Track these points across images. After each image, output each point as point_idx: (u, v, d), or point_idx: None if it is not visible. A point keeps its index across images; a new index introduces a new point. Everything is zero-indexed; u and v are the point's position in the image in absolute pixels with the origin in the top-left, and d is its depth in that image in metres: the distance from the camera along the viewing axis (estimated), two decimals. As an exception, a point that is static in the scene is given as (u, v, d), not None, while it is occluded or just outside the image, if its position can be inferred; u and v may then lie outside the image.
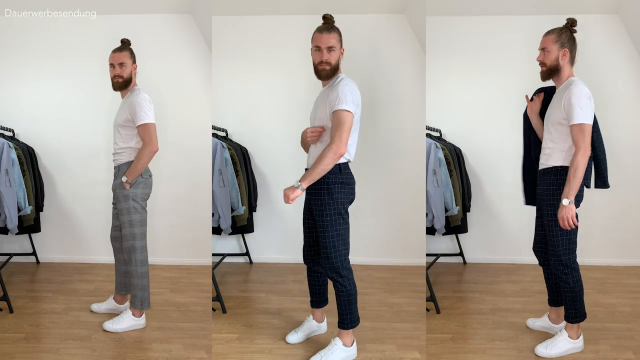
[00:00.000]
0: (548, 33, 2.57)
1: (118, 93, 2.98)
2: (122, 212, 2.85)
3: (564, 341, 2.62)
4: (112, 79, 2.89)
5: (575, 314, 2.61)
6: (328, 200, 2.44)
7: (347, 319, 2.55)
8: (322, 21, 2.51)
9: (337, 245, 2.47)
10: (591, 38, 4.04)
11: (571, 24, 2.57)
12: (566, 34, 2.54)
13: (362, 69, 4.02)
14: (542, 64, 2.57)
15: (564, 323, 2.77)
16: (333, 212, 2.45)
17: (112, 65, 2.88)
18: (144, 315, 2.96)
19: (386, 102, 4.12)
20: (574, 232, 2.52)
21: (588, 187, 2.58)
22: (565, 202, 2.40)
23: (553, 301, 2.84)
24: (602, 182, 2.65)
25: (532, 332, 2.89)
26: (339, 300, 2.54)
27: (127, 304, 3.12)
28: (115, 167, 2.91)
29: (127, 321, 2.89)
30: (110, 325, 2.88)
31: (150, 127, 2.74)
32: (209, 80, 4.00)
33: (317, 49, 2.45)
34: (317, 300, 2.84)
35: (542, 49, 2.56)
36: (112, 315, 3.07)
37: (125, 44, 2.94)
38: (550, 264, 2.60)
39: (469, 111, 4.11)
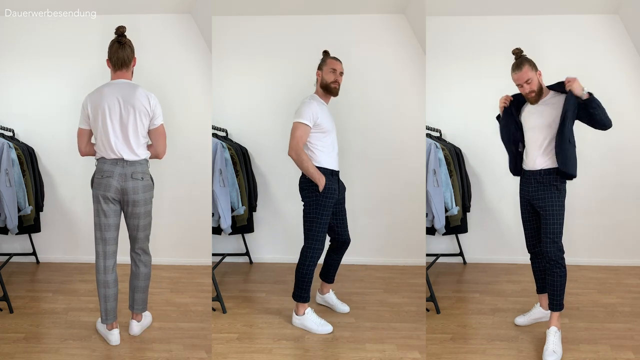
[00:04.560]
0: (519, 68, 2.68)
1: None
2: None
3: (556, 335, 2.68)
4: None
5: (561, 301, 2.72)
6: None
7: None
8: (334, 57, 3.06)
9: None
10: (591, 38, 4.05)
11: (519, 51, 2.75)
12: (527, 58, 2.71)
13: (362, 69, 4.03)
14: (530, 92, 2.70)
15: None
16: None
17: None
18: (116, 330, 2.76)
19: (386, 102, 4.12)
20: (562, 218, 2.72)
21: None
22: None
23: (542, 288, 2.97)
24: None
25: (532, 332, 2.89)
26: None
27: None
28: None
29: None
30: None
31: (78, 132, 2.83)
32: (209, 80, 4.00)
33: (332, 71, 2.99)
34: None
35: (525, 82, 2.68)
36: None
37: None
38: (549, 253, 2.69)
39: (469, 111, 4.11)
